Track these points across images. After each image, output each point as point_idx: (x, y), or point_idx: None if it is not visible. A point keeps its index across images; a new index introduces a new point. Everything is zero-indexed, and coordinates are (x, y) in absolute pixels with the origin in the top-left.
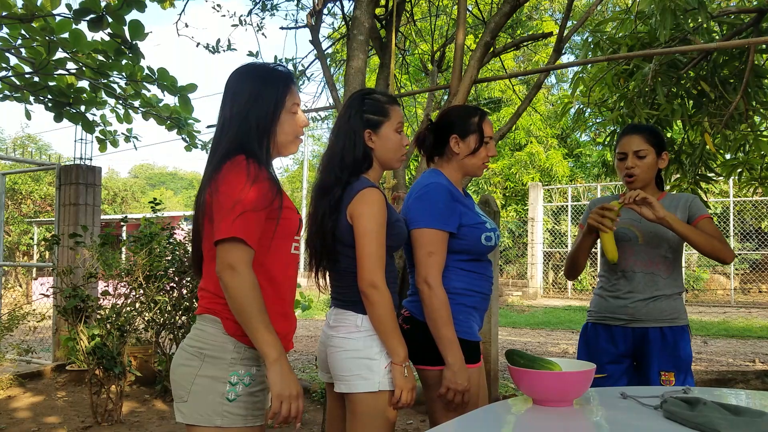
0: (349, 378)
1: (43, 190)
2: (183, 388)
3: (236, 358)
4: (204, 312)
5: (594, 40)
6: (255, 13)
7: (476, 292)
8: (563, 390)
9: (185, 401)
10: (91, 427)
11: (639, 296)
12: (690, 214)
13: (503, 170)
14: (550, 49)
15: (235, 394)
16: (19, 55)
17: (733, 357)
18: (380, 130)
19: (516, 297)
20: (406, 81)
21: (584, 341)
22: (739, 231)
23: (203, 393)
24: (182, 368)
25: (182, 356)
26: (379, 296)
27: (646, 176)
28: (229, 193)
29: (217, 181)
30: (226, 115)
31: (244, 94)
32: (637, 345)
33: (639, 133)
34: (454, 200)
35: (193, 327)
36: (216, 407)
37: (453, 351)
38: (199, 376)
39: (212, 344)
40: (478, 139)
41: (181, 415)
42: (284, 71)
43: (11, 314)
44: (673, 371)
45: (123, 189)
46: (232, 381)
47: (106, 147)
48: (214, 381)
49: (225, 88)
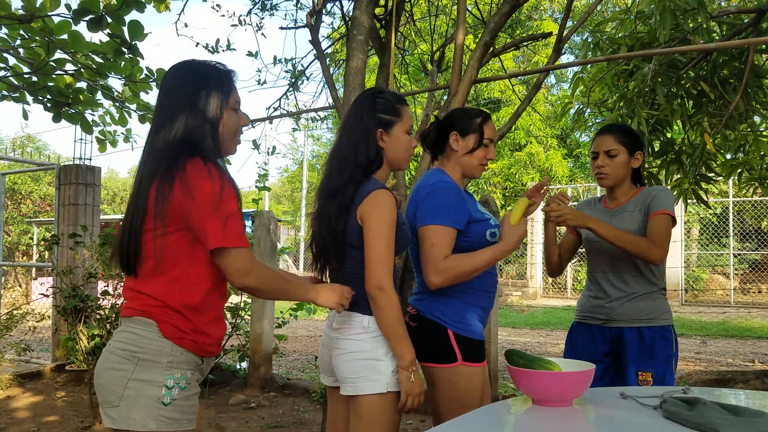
0: (355, 380)
1: (43, 190)
2: (113, 393)
3: (173, 362)
4: (135, 314)
5: (594, 40)
6: (254, 12)
7: (479, 290)
8: (563, 390)
9: (116, 406)
10: (90, 427)
11: (613, 295)
12: (648, 209)
13: (503, 170)
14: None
15: (171, 398)
16: (18, 56)
17: (732, 357)
18: (392, 130)
19: (516, 297)
20: (405, 81)
21: (570, 339)
22: (739, 231)
23: (136, 397)
24: (112, 372)
25: (111, 360)
26: (387, 299)
27: (617, 175)
28: (206, 198)
29: (184, 183)
30: (168, 110)
31: (187, 90)
32: (614, 345)
33: (611, 133)
34: (462, 198)
35: (121, 329)
36: (150, 411)
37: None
38: (132, 380)
39: (147, 348)
40: (478, 139)
41: (111, 420)
42: (225, 69)
43: (11, 314)
44: (650, 371)
45: (123, 189)
46: (168, 384)
47: (105, 147)
48: (149, 385)
49: (163, 84)
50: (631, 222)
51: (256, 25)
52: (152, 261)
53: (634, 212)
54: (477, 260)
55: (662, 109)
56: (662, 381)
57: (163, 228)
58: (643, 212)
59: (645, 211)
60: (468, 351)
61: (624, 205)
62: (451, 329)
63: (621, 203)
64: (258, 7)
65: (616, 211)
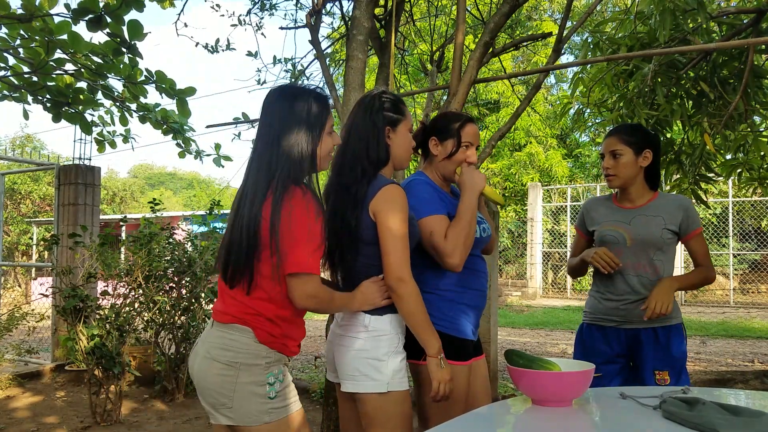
0: (356, 377)
1: (42, 190)
2: (224, 396)
3: (269, 362)
4: (233, 321)
5: (593, 40)
6: (254, 12)
7: (468, 289)
8: (562, 390)
9: (230, 407)
10: (90, 427)
11: (629, 298)
12: (684, 227)
13: (503, 170)
14: (549, 49)
15: (275, 391)
16: (18, 55)
17: (732, 357)
18: (398, 128)
19: (515, 297)
20: (405, 81)
21: (580, 341)
22: (739, 231)
23: (247, 398)
24: (218, 378)
25: (214, 367)
26: (408, 290)
27: (625, 175)
28: (301, 229)
29: (287, 212)
30: (273, 137)
31: (290, 118)
32: (630, 346)
33: (615, 134)
34: (435, 191)
35: (218, 334)
36: (261, 407)
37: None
38: (239, 383)
39: (246, 352)
40: (455, 144)
41: (228, 419)
42: (323, 94)
43: (10, 314)
44: (667, 370)
45: (122, 189)
46: (270, 381)
47: (104, 148)
48: (254, 385)
49: (266, 107)
50: (655, 226)
51: (256, 25)
52: (257, 278)
53: (657, 218)
54: (462, 218)
55: (662, 110)
56: (678, 377)
57: (274, 253)
58: (669, 222)
59: (676, 224)
60: (450, 349)
61: (642, 208)
62: (436, 327)
63: (637, 205)
64: (258, 7)
65: (632, 213)
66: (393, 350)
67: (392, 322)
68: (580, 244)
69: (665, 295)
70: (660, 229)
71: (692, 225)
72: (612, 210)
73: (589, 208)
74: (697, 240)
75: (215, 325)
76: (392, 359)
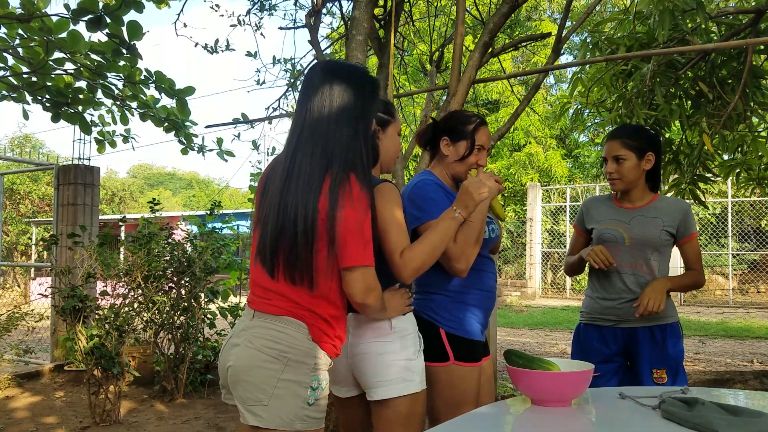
0: (387, 383)
1: (42, 190)
2: (263, 391)
3: (317, 364)
4: (285, 314)
5: (592, 40)
6: (253, 12)
7: (477, 289)
8: (561, 390)
9: (265, 405)
10: (89, 428)
11: (625, 297)
12: (681, 231)
13: (502, 170)
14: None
15: (315, 398)
16: (17, 55)
17: (731, 357)
18: (387, 130)
19: (514, 297)
20: (404, 81)
21: (577, 341)
22: (738, 231)
23: (286, 397)
24: (260, 370)
25: (258, 357)
26: (414, 253)
27: (628, 178)
28: (354, 220)
29: (343, 203)
30: (326, 123)
31: (351, 105)
32: (627, 345)
33: (617, 138)
34: (445, 193)
35: (263, 326)
36: (298, 411)
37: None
38: (282, 379)
39: (298, 348)
40: (469, 146)
41: (257, 418)
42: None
43: (10, 314)
44: (664, 368)
45: (121, 189)
46: (314, 386)
47: (104, 148)
48: (296, 385)
49: (320, 80)
50: (654, 227)
51: (255, 25)
52: (310, 273)
53: (656, 219)
54: (473, 224)
55: (661, 110)
56: (675, 375)
57: (330, 245)
58: (667, 224)
59: (674, 226)
60: (460, 350)
61: (642, 209)
62: (444, 328)
63: (638, 206)
64: (257, 7)
65: (632, 213)
66: (419, 348)
67: (412, 320)
68: (578, 242)
69: (658, 293)
70: (658, 231)
71: (689, 229)
72: (612, 209)
73: (589, 206)
74: (692, 244)
75: (259, 315)
76: (419, 357)
